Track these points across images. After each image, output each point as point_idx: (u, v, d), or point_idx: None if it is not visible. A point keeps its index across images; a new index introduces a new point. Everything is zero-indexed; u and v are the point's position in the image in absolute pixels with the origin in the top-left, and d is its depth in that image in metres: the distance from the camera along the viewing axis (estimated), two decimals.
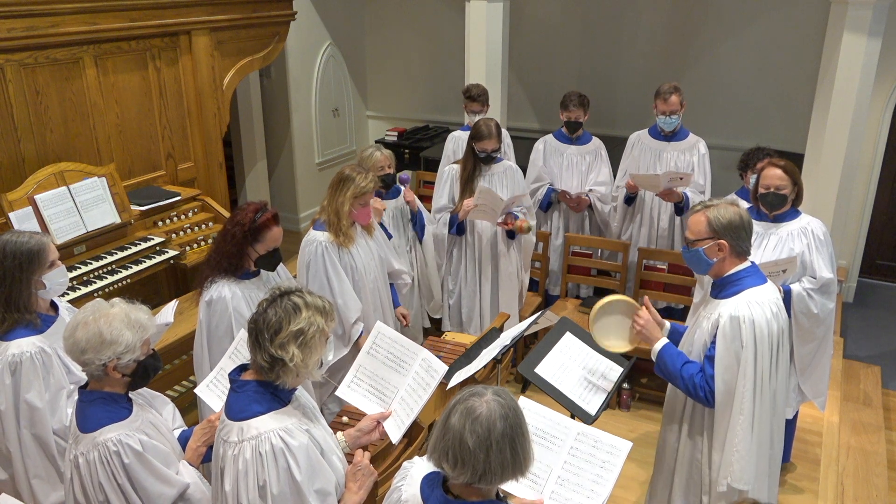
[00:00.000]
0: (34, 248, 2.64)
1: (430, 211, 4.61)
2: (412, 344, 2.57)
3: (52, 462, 2.61)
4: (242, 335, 2.68)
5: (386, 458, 2.76)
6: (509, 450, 1.64)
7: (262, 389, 2.07)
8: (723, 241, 2.56)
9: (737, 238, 2.57)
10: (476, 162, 4.36)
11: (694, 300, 3.82)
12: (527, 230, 4.34)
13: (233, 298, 2.97)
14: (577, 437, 2.34)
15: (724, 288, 2.64)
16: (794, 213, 3.37)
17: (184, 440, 2.47)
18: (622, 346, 2.88)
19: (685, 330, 2.88)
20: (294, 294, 2.06)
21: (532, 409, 2.36)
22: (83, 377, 2.24)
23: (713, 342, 2.61)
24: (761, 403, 2.57)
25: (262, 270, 3.09)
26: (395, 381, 2.52)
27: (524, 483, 2.23)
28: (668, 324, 2.90)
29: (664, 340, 2.75)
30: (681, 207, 4.65)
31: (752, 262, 2.65)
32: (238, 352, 2.68)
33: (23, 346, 2.58)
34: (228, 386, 2.59)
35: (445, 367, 2.47)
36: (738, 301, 2.56)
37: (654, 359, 2.76)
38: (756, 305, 2.53)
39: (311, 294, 2.10)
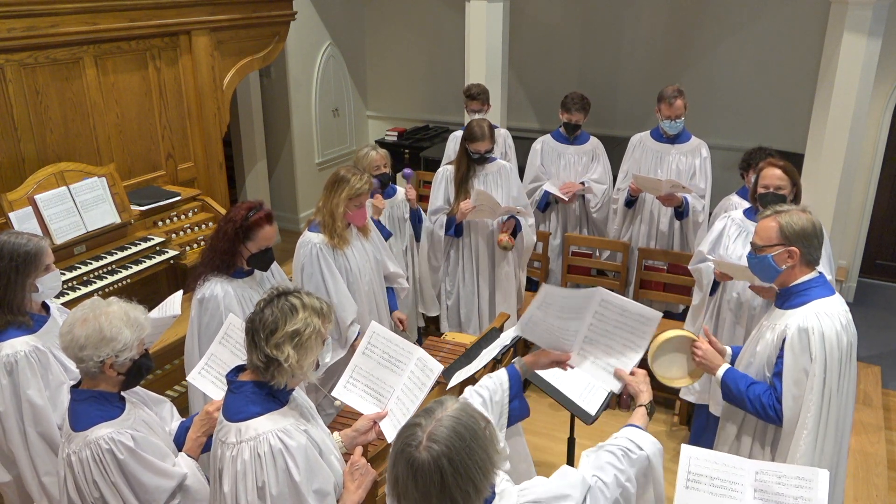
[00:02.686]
0: (32, 250, 2.64)
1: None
2: (407, 343, 2.57)
3: None
4: (231, 319, 2.69)
5: (386, 457, 2.76)
6: (458, 492, 1.54)
7: (259, 390, 2.06)
8: (794, 249, 2.48)
9: (808, 246, 2.48)
10: (469, 163, 4.34)
11: (693, 301, 3.83)
12: (502, 249, 4.37)
13: (225, 297, 2.97)
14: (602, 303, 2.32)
15: (789, 298, 2.55)
16: None
17: (183, 431, 2.48)
18: (686, 381, 2.77)
19: None
20: (292, 295, 2.06)
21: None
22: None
23: (779, 356, 2.51)
24: (827, 419, 2.46)
25: (255, 270, 3.09)
26: (390, 380, 2.52)
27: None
28: (729, 350, 2.79)
29: (726, 366, 2.65)
30: (680, 212, 4.64)
31: (819, 273, 2.56)
32: (228, 336, 2.68)
33: (16, 346, 2.58)
34: (221, 371, 2.59)
35: (441, 366, 2.47)
36: (807, 312, 2.47)
37: (719, 386, 2.66)
38: (826, 317, 2.45)
39: (310, 295, 2.09)
